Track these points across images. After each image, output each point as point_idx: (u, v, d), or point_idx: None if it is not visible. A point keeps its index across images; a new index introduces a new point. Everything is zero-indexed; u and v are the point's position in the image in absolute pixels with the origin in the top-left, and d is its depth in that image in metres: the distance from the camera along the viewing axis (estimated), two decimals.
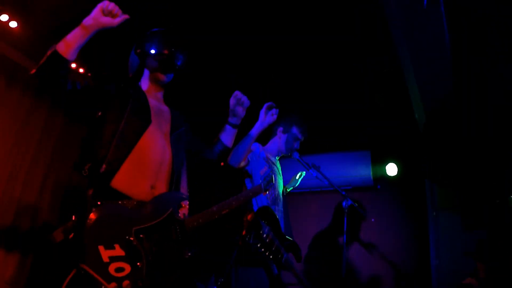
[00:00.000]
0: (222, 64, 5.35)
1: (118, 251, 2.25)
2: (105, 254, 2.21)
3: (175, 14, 4.54)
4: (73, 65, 4.70)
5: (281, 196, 4.12)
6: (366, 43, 4.87)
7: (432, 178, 6.51)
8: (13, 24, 4.56)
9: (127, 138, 2.49)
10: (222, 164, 3.60)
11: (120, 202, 2.37)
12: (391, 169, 6.53)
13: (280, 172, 4.28)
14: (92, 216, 2.24)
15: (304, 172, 4.58)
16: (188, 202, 2.60)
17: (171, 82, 2.95)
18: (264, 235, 3.41)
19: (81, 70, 5.04)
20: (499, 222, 5.67)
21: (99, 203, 2.31)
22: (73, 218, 2.37)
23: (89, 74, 4.97)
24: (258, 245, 3.37)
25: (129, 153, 2.46)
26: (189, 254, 2.51)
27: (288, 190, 4.53)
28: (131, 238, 2.30)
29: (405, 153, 6.63)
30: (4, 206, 4.72)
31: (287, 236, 3.73)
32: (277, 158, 4.36)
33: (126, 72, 3.00)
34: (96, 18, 2.38)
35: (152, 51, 2.78)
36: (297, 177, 4.59)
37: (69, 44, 2.35)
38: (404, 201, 6.58)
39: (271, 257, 3.45)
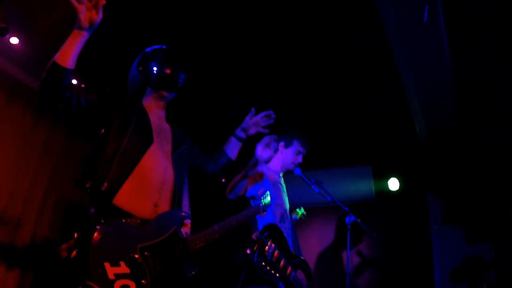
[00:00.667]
0: (222, 77, 5.35)
1: (123, 268, 2.24)
2: (111, 271, 2.20)
3: (173, 30, 4.56)
4: (74, 81, 4.70)
5: (288, 213, 4.10)
6: (367, 59, 4.88)
7: (434, 192, 6.49)
8: (14, 40, 4.56)
9: (129, 157, 2.48)
10: (223, 180, 3.60)
11: (123, 220, 2.36)
12: (393, 184, 6.51)
13: (285, 189, 4.26)
14: (97, 233, 2.24)
15: (303, 209, 4.61)
16: (190, 221, 2.61)
17: (172, 99, 2.95)
18: (269, 253, 3.39)
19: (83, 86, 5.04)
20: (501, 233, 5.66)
21: (102, 220, 2.31)
22: (76, 236, 2.36)
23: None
24: (263, 263, 3.35)
25: (131, 172, 2.46)
26: (193, 273, 2.50)
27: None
28: (136, 256, 2.29)
29: (406, 167, 6.62)
30: (5, 222, 4.69)
31: (295, 254, 3.71)
32: (281, 174, 4.33)
33: (126, 88, 2.99)
34: (78, 18, 2.35)
35: (155, 69, 2.78)
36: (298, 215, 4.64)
37: (65, 53, 2.36)
38: (406, 216, 6.54)
39: (277, 275, 3.43)
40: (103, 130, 2.55)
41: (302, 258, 3.74)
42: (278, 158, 4.31)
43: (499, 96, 5.20)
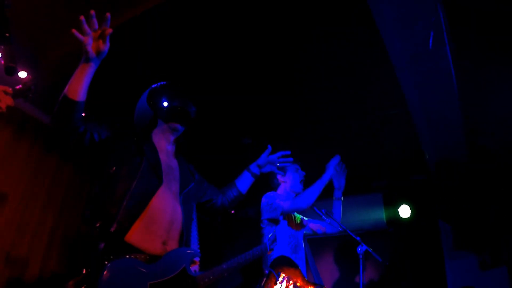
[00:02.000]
0: (231, 111, 5.37)
1: None
2: None
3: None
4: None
5: (301, 244, 4.06)
6: (375, 89, 4.90)
7: (445, 218, 6.41)
8: (23, 74, 4.58)
9: (138, 199, 2.46)
10: (232, 212, 3.57)
11: (133, 256, 2.32)
12: (404, 211, 6.44)
13: (298, 220, 4.24)
14: (107, 270, 2.20)
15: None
16: (199, 258, 2.58)
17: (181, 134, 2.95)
18: (280, 285, 3.36)
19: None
20: None
21: (111, 257, 2.27)
22: (84, 272, 2.33)
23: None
24: None
25: (140, 214, 2.44)
26: None
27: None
28: None
29: (417, 194, 6.55)
30: (14, 256, 4.67)
31: (309, 281, 3.67)
32: None
33: (134, 124, 2.98)
34: (85, 50, 2.34)
35: (167, 103, 2.80)
36: None
37: (75, 85, 2.35)
38: (418, 243, 6.46)
39: None
40: (114, 168, 2.53)
41: (317, 283, 3.71)
42: (284, 187, 4.31)
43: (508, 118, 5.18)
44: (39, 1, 3.91)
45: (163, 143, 2.85)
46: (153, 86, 2.91)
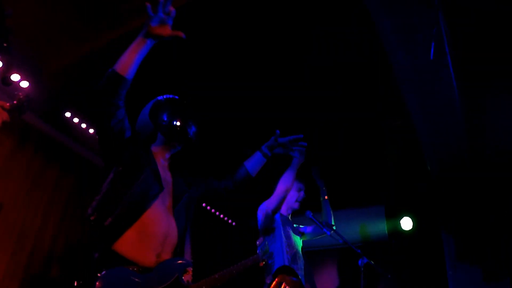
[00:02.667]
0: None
1: None
2: None
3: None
4: None
5: (300, 254, 4.05)
6: (377, 100, 4.90)
7: (448, 229, 6.38)
8: (24, 84, 4.59)
9: (136, 201, 2.43)
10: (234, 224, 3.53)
11: (125, 267, 2.30)
12: (406, 223, 6.41)
13: (296, 231, 4.22)
14: (99, 281, 2.17)
15: None
16: (192, 268, 2.55)
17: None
18: None
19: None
20: None
21: (104, 267, 2.24)
22: (75, 284, 2.31)
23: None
24: None
25: (136, 217, 2.40)
26: None
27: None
28: None
29: (419, 206, 6.52)
30: (15, 265, 4.65)
31: None
32: (289, 216, 4.31)
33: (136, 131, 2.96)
34: (147, 23, 2.33)
35: (166, 119, 2.76)
36: None
37: (126, 61, 2.32)
38: (421, 255, 6.41)
39: None
40: (120, 168, 2.52)
41: None
42: (284, 203, 4.29)
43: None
44: (41, 11, 3.92)
45: (160, 157, 2.83)
46: (158, 98, 2.87)
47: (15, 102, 2.02)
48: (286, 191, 3.87)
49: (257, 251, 3.19)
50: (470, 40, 4.00)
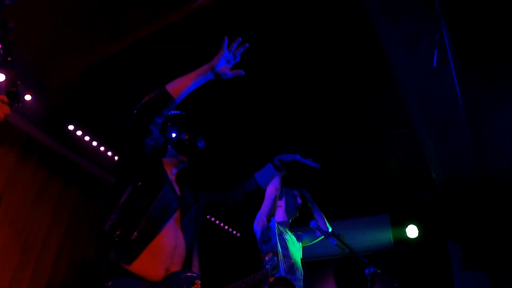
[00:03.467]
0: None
1: None
2: None
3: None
4: None
5: (298, 265, 4.02)
6: (381, 110, 4.90)
7: (454, 237, 6.34)
8: (28, 97, 4.59)
9: (158, 216, 2.45)
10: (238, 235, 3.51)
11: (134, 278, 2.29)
12: (412, 231, 6.39)
13: (294, 240, 4.20)
14: None
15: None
16: (200, 281, 2.53)
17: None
18: None
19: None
20: None
21: (111, 280, 2.24)
22: None
23: None
24: None
25: (159, 230, 2.42)
26: None
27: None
28: None
29: (425, 214, 6.49)
30: (19, 278, 4.64)
31: None
32: (289, 224, 4.31)
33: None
34: (217, 58, 2.39)
35: (176, 134, 2.78)
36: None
37: (181, 85, 2.36)
38: (427, 263, 6.37)
39: None
40: (140, 183, 2.51)
41: None
42: (279, 212, 4.29)
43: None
44: (44, 25, 3.94)
45: (170, 169, 2.84)
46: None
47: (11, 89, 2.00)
48: (275, 192, 3.86)
49: (266, 266, 3.19)
50: (473, 45, 4.00)
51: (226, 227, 7.54)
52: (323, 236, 4.32)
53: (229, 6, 3.86)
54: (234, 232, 7.76)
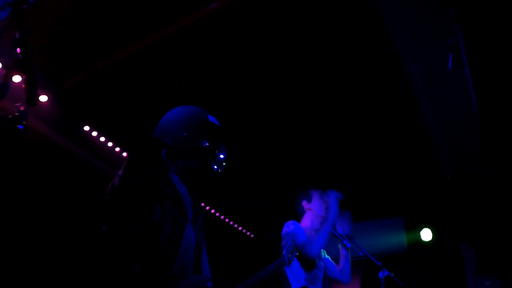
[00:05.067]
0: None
1: None
2: None
3: None
4: None
5: (320, 275, 3.94)
6: (393, 112, 4.88)
7: (468, 240, 6.31)
8: (43, 98, 4.59)
9: (172, 239, 2.32)
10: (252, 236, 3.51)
11: None
12: (426, 235, 6.36)
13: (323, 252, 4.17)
14: None
15: None
16: (211, 284, 2.53)
17: None
18: None
19: None
20: None
21: None
22: None
23: None
24: None
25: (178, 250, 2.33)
26: None
27: None
28: None
29: (439, 217, 6.46)
30: None
31: None
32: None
33: None
34: None
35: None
36: None
37: None
38: (441, 267, 6.33)
39: None
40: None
41: None
42: (308, 217, 4.16)
43: None
44: (57, 28, 3.98)
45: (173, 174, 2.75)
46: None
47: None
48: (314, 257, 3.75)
49: (283, 253, 3.11)
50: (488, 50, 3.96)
51: (240, 228, 7.54)
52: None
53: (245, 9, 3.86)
54: (248, 233, 7.76)
